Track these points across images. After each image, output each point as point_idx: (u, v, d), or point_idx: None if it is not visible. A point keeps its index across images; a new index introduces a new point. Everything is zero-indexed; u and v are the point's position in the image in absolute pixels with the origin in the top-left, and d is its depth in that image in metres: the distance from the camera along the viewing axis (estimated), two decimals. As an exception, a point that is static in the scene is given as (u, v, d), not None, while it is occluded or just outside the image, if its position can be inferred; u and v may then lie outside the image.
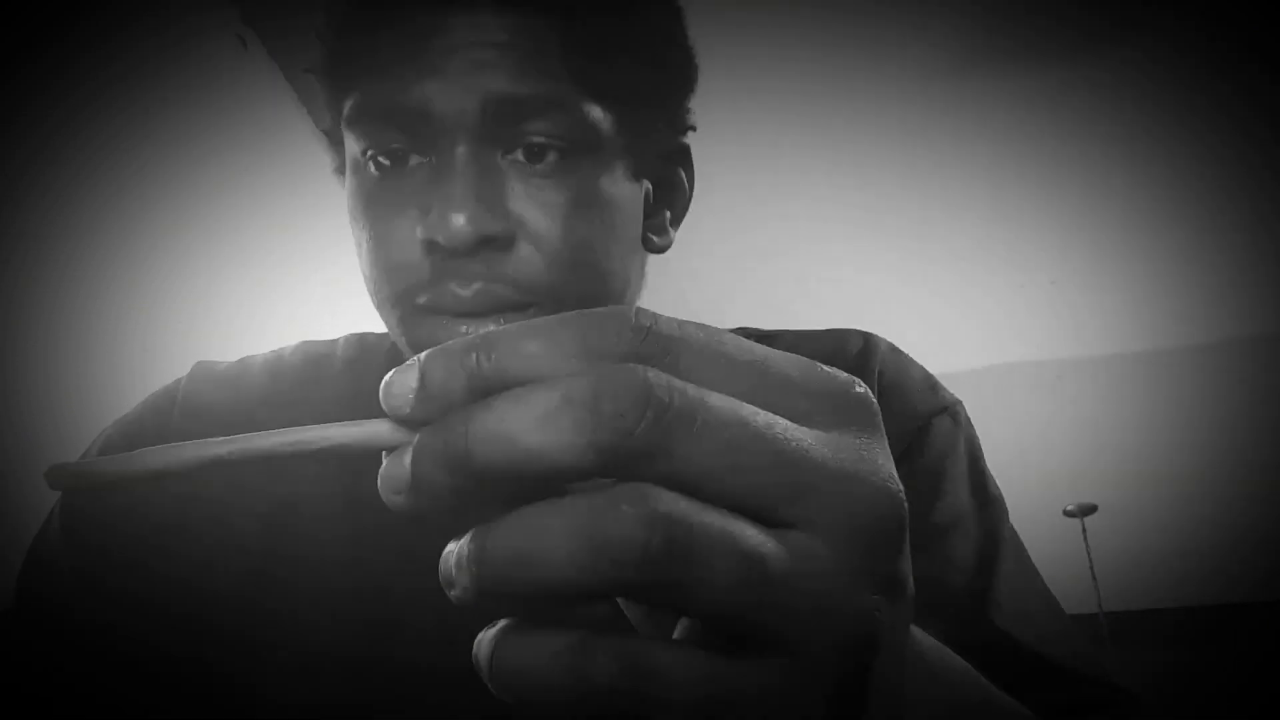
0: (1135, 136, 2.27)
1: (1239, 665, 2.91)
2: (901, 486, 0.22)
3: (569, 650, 0.20)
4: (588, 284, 0.49)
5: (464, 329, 0.47)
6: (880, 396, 0.56)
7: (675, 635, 0.24)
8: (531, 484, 0.20)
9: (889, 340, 0.61)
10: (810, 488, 0.20)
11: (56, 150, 1.87)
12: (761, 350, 0.22)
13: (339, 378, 0.60)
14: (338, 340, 0.64)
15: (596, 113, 0.48)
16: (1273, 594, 2.99)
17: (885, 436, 0.23)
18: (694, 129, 0.58)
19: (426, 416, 0.21)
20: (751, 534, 0.20)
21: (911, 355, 0.62)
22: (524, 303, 0.47)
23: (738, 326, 0.63)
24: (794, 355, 0.23)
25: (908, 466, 0.54)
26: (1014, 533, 0.56)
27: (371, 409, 0.22)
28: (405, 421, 0.21)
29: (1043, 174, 2.41)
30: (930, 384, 0.60)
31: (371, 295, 0.51)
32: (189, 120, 1.91)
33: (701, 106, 0.58)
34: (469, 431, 0.20)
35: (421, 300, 0.48)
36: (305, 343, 0.64)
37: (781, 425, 0.21)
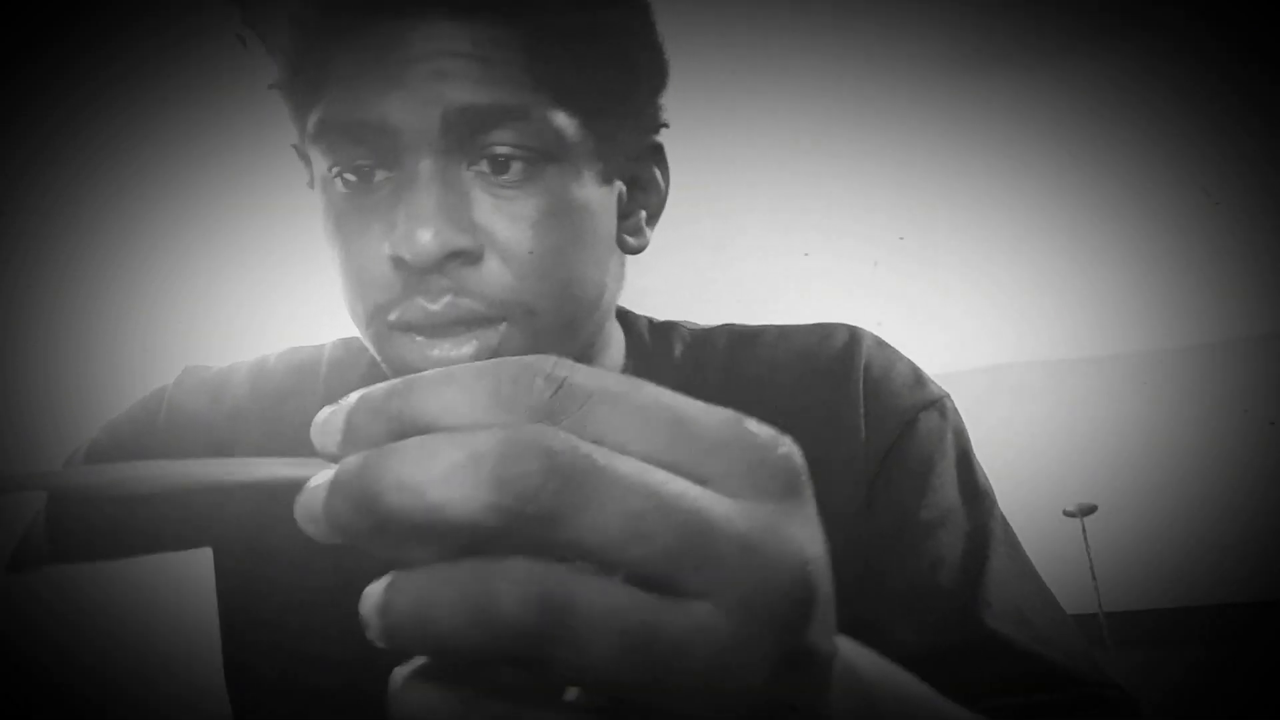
0: (1137, 136, 2.27)
1: (1239, 665, 2.92)
2: (815, 558, 0.22)
3: (453, 712, 0.21)
4: (561, 293, 0.49)
5: (435, 352, 0.47)
6: (866, 391, 0.56)
7: (567, 697, 0.24)
8: (436, 536, 0.20)
9: (875, 334, 0.61)
10: (713, 560, 0.20)
11: (56, 150, 1.87)
12: (681, 406, 0.22)
13: (321, 385, 0.60)
14: (324, 346, 0.64)
15: (561, 119, 0.48)
16: (1273, 594, 2.99)
17: (809, 500, 0.23)
18: (666, 126, 0.57)
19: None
20: (643, 607, 0.20)
21: (913, 356, 0.61)
22: (494, 316, 0.47)
23: (723, 323, 0.62)
24: (719, 411, 0.22)
25: (894, 462, 0.54)
26: (1005, 525, 0.56)
27: None
28: (333, 460, 0.22)
29: (1044, 173, 2.41)
30: (917, 377, 0.58)
31: (348, 312, 0.51)
32: (189, 120, 1.90)
33: (697, 104, 0.57)
34: (380, 475, 0.20)
35: (392, 317, 0.48)
36: (291, 349, 0.64)
37: (691, 495, 0.20)
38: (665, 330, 0.62)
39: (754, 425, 0.22)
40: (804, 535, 0.22)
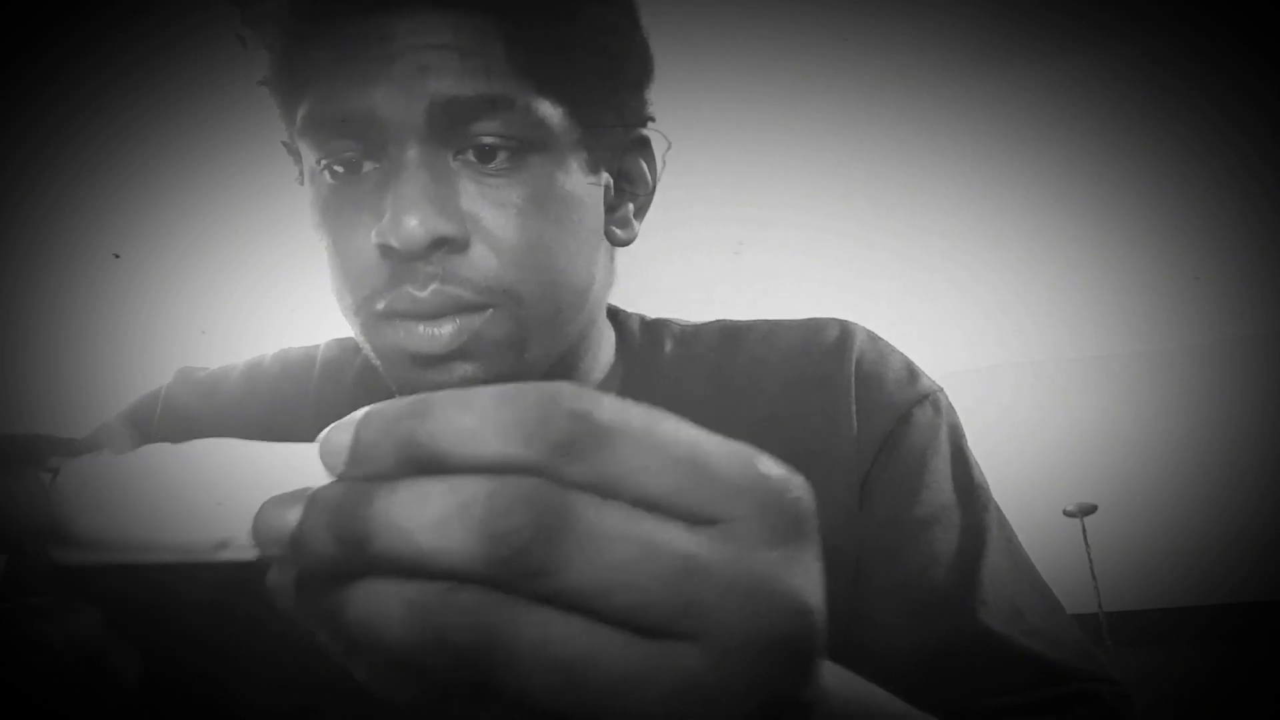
0: (1138, 137, 2.27)
1: (1239, 665, 2.92)
2: (814, 608, 0.22)
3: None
4: (547, 280, 0.49)
5: (420, 328, 0.47)
6: (858, 386, 0.56)
7: None
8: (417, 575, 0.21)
9: (868, 328, 0.60)
10: (700, 605, 0.20)
11: (57, 150, 1.87)
12: (700, 444, 0.22)
13: (315, 384, 0.60)
14: (318, 345, 0.64)
15: (546, 108, 0.48)
16: (1273, 594, 2.99)
17: (814, 545, 0.23)
18: (653, 119, 0.57)
19: (357, 476, 0.22)
20: (589, 641, 0.20)
21: (914, 357, 0.61)
22: (481, 303, 0.47)
23: (716, 319, 0.62)
24: (736, 450, 0.22)
25: (887, 458, 0.54)
26: (1001, 518, 0.55)
27: (339, 417, 0.23)
28: (340, 478, 0.22)
29: (1044, 173, 2.41)
30: (910, 371, 0.58)
31: (337, 303, 0.51)
32: (189, 120, 1.91)
33: (696, 100, 0.57)
34: (370, 514, 0.21)
35: (380, 306, 0.48)
36: (285, 350, 0.64)
37: (681, 542, 0.21)
38: (656, 328, 0.62)
39: (767, 465, 0.22)
40: (805, 584, 0.22)
